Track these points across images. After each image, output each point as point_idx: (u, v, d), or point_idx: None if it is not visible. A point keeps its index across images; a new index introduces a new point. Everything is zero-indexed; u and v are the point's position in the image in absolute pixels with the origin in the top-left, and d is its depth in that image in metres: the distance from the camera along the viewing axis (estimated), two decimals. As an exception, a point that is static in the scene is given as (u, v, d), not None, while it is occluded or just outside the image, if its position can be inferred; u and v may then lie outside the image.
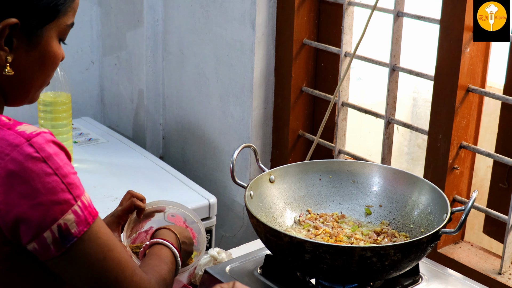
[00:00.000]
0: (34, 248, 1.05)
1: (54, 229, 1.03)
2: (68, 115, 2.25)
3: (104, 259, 1.08)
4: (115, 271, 1.10)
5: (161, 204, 1.54)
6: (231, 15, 2.27)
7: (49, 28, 1.11)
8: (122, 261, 1.11)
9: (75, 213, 1.05)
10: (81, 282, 1.10)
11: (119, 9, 2.75)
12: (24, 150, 1.02)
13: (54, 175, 1.03)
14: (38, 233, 1.03)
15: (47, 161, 1.03)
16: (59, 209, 1.03)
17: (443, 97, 1.80)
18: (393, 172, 1.62)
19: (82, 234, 1.06)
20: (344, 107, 2.13)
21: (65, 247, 1.05)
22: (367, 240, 1.51)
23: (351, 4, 2.04)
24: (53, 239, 1.04)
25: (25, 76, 1.12)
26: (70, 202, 1.04)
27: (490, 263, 1.82)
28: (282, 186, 1.60)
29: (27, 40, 1.10)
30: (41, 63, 1.13)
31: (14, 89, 1.14)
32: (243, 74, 2.28)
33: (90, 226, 1.07)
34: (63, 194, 1.04)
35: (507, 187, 1.84)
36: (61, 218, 1.03)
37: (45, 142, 1.04)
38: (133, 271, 1.13)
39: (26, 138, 1.03)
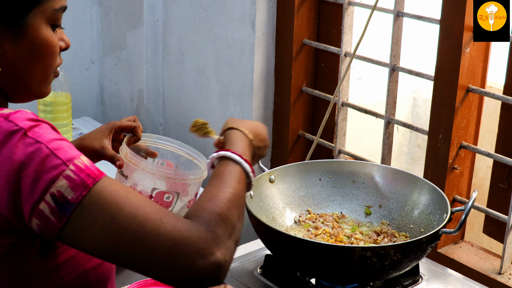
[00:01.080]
0: (38, 225, 0.98)
1: (48, 199, 0.97)
2: (68, 115, 2.25)
3: (112, 219, 0.98)
4: (130, 228, 0.98)
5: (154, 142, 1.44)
6: (231, 15, 2.27)
7: (33, 16, 1.07)
8: (139, 216, 0.99)
9: (68, 178, 0.97)
10: (99, 250, 1.00)
11: (119, 9, 2.75)
12: (3, 127, 0.99)
13: (36, 143, 0.98)
14: (34, 207, 0.97)
15: (28, 132, 0.98)
16: (48, 177, 0.97)
17: (443, 97, 1.80)
18: (393, 172, 1.62)
19: (82, 199, 0.97)
20: (344, 107, 2.13)
21: (65, 215, 0.97)
22: (367, 240, 1.51)
23: (351, 4, 2.04)
24: (50, 210, 0.97)
25: (19, 69, 1.08)
26: (59, 168, 0.97)
27: (490, 263, 1.82)
28: (282, 186, 1.60)
29: (11, 31, 1.05)
30: (32, 53, 1.08)
31: (12, 85, 1.10)
32: (243, 74, 2.28)
33: (90, 189, 0.98)
34: (50, 160, 0.97)
35: (507, 187, 1.84)
36: (53, 186, 0.97)
37: (25, 117, 1.00)
38: (159, 222, 0.99)
39: (4, 116, 1.00)
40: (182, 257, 0.98)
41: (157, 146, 1.44)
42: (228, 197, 1.07)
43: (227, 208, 1.05)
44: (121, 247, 0.99)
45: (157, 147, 1.44)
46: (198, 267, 0.98)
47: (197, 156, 1.43)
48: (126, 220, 0.98)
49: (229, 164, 1.14)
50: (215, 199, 1.05)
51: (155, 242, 0.98)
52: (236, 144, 1.19)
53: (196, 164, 1.43)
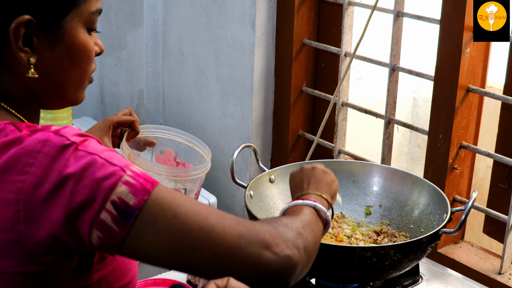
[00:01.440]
0: (99, 238, 0.94)
1: (109, 207, 0.93)
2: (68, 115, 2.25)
3: (174, 216, 0.94)
4: (195, 223, 0.95)
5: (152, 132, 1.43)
6: (231, 15, 2.27)
7: (70, 19, 1.03)
8: (201, 210, 0.96)
9: (128, 184, 0.93)
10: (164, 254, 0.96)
11: (119, 9, 2.75)
12: (54, 142, 0.95)
13: (89, 154, 0.94)
14: (94, 218, 0.93)
15: (79, 146, 0.95)
16: (107, 184, 0.93)
17: (443, 97, 1.80)
18: (393, 172, 1.62)
19: (144, 203, 0.94)
20: (344, 107, 2.13)
21: (129, 222, 0.93)
22: (367, 240, 1.51)
23: (351, 4, 2.04)
24: (112, 219, 0.93)
25: (56, 75, 1.05)
26: (117, 174, 0.94)
27: (490, 263, 1.82)
28: (282, 186, 1.60)
29: (48, 36, 1.02)
30: (70, 57, 1.04)
31: (48, 92, 1.07)
32: (243, 74, 2.28)
33: (151, 193, 0.94)
34: (106, 168, 0.94)
35: (507, 187, 1.84)
36: (113, 193, 0.92)
37: (74, 132, 0.97)
38: (222, 216, 0.97)
39: (54, 132, 0.96)
40: (250, 247, 0.96)
41: (156, 136, 1.44)
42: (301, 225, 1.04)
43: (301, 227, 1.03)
44: (187, 244, 0.95)
45: (156, 136, 1.44)
46: (266, 260, 0.96)
47: (197, 143, 1.43)
48: (189, 216, 0.95)
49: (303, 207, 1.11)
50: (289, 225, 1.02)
51: (221, 234, 0.95)
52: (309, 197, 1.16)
53: (197, 152, 1.42)
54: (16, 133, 0.98)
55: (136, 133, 1.38)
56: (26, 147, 0.96)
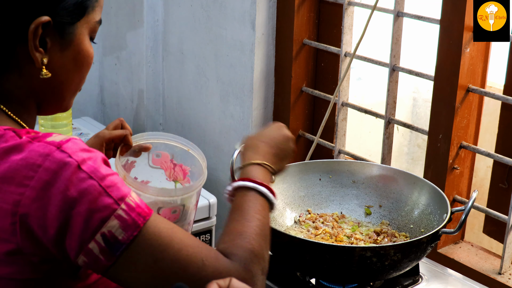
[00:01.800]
0: (85, 262, 0.97)
1: (99, 239, 0.95)
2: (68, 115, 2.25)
3: (155, 261, 0.98)
4: (172, 272, 0.98)
5: (146, 139, 1.41)
6: (231, 15, 2.27)
7: (80, 25, 1.05)
8: (182, 258, 0.99)
9: (119, 218, 0.96)
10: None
11: (119, 9, 2.75)
12: (56, 157, 0.95)
13: (89, 179, 0.95)
14: (83, 245, 0.95)
15: (81, 165, 0.96)
16: (99, 216, 0.95)
17: (443, 97, 1.80)
18: (393, 172, 1.62)
19: (132, 239, 0.96)
20: (344, 107, 2.13)
21: (115, 255, 0.96)
22: (367, 240, 1.51)
23: (351, 4, 2.04)
24: (100, 250, 0.95)
25: (61, 78, 1.07)
26: (111, 207, 0.95)
27: (490, 263, 1.82)
28: (282, 186, 1.60)
29: (61, 39, 1.04)
30: (75, 63, 1.07)
31: (49, 95, 1.08)
32: (243, 74, 2.28)
33: (141, 229, 0.97)
34: (102, 199, 0.95)
35: (507, 187, 1.84)
36: (104, 226, 0.95)
37: (77, 147, 0.98)
38: (201, 264, 0.99)
39: (56, 145, 0.97)
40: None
41: (150, 141, 1.43)
42: (255, 231, 1.06)
43: (257, 244, 1.05)
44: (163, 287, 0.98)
45: (150, 142, 1.43)
46: None
47: (192, 147, 1.42)
48: (169, 264, 0.98)
49: (247, 194, 1.12)
50: (244, 235, 1.05)
51: (197, 286, 0.98)
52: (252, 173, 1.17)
53: (192, 156, 1.42)
54: (16, 139, 0.99)
55: (129, 147, 1.37)
56: (27, 159, 0.96)
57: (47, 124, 2.22)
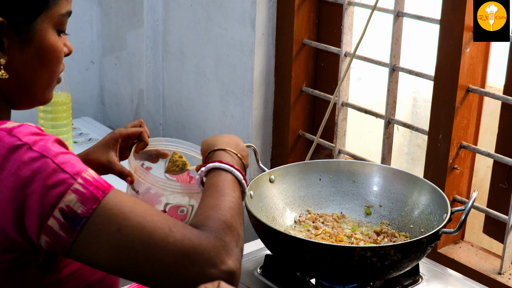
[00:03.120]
0: (47, 242, 0.95)
1: (57, 214, 0.94)
2: (68, 115, 2.25)
3: (118, 230, 0.95)
4: (138, 239, 0.95)
5: (164, 145, 1.40)
6: (231, 15, 2.27)
7: (41, 21, 1.04)
8: (147, 225, 0.96)
9: (77, 192, 0.95)
10: (107, 264, 0.97)
11: (119, 9, 2.75)
12: (6, 141, 0.96)
13: (42, 157, 0.95)
14: (42, 223, 0.94)
15: (33, 146, 0.95)
16: (55, 192, 0.94)
17: (443, 97, 1.80)
18: (393, 172, 1.62)
19: (92, 212, 0.95)
20: (344, 107, 2.13)
21: (76, 230, 0.94)
22: (367, 240, 1.51)
23: (351, 4, 2.04)
24: (60, 225, 0.94)
25: (25, 76, 1.06)
26: (67, 182, 0.95)
27: (490, 263, 1.82)
28: (282, 186, 1.60)
29: (18, 37, 1.03)
30: (39, 59, 1.06)
31: (17, 92, 1.07)
32: (243, 74, 2.28)
33: (100, 201, 0.95)
34: (57, 175, 0.94)
35: (507, 187, 1.84)
36: (61, 201, 0.94)
37: (28, 131, 0.97)
38: (168, 231, 0.97)
39: (7, 131, 0.97)
40: (193, 266, 0.96)
41: (168, 149, 1.40)
42: (229, 205, 1.06)
43: (230, 216, 1.04)
44: (129, 259, 0.96)
45: (168, 149, 1.40)
46: (209, 277, 0.96)
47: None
48: (133, 231, 0.96)
49: (221, 173, 1.14)
50: (217, 208, 1.05)
51: (164, 252, 0.96)
52: (222, 157, 1.19)
53: None
54: None
55: (145, 144, 1.36)
56: None
57: (47, 124, 2.22)
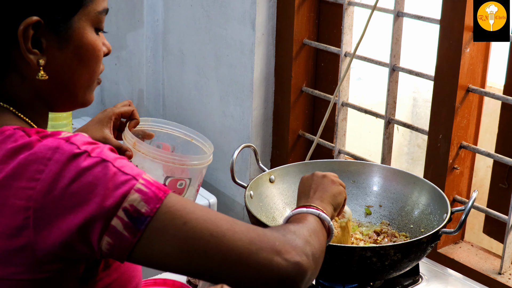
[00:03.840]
0: (109, 244, 0.94)
1: (121, 214, 0.93)
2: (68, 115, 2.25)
3: (184, 223, 0.95)
4: (206, 228, 0.95)
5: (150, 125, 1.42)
6: (231, 15, 2.27)
7: (78, 19, 1.02)
8: (211, 217, 0.96)
9: (140, 192, 0.94)
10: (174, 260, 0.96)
11: (119, 9, 2.75)
12: (65, 149, 0.95)
13: (102, 161, 0.94)
14: (106, 224, 0.93)
15: (91, 153, 0.95)
16: (119, 193, 0.93)
17: (443, 97, 1.80)
18: (393, 172, 1.62)
19: (156, 212, 0.94)
20: (344, 107, 2.13)
21: (140, 229, 0.93)
22: (367, 240, 1.51)
23: (351, 4, 2.04)
24: (124, 225, 0.93)
25: (65, 76, 1.04)
26: (130, 182, 0.94)
27: (490, 263, 1.82)
28: (282, 186, 1.60)
29: (56, 37, 1.01)
30: (79, 58, 1.04)
31: (57, 94, 1.06)
32: (243, 74, 2.28)
33: (162, 202, 0.95)
34: (119, 177, 0.94)
35: (507, 187, 1.84)
36: (125, 201, 0.93)
37: (85, 140, 0.97)
38: (233, 222, 0.97)
39: (64, 139, 0.96)
40: (261, 252, 0.96)
41: (154, 129, 1.43)
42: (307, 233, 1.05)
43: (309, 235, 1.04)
44: (199, 250, 0.96)
45: (154, 130, 1.43)
46: (276, 265, 0.96)
47: (196, 137, 1.42)
48: (200, 222, 0.96)
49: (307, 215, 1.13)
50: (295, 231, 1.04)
51: (233, 240, 0.96)
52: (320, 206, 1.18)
53: (196, 146, 1.41)
54: (25, 138, 0.97)
55: (137, 121, 1.38)
56: (36, 153, 0.95)
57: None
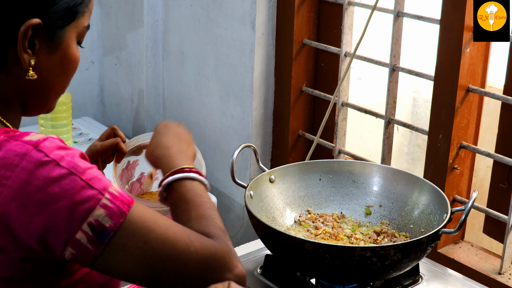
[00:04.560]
0: (72, 254, 0.98)
1: (86, 228, 0.96)
2: (68, 115, 2.25)
3: (145, 242, 1.00)
4: (163, 250, 1.01)
5: (142, 140, 1.42)
6: (231, 15, 2.27)
7: (70, 29, 1.07)
8: (170, 236, 1.01)
9: (105, 207, 0.97)
10: (134, 275, 1.02)
11: (119, 9, 2.75)
12: (33, 156, 0.97)
13: (70, 174, 0.97)
14: (70, 237, 0.96)
15: (60, 162, 0.97)
16: (85, 207, 0.96)
17: (443, 97, 1.80)
18: (393, 172, 1.62)
19: (119, 226, 0.98)
20: (344, 107, 2.13)
21: (103, 243, 0.98)
22: (367, 240, 1.51)
23: (351, 4, 2.04)
24: (88, 239, 0.97)
25: (46, 80, 1.08)
26: (96, 197, 0.97)
27: (490, 263, 1.82)
28: (282, 186, 1.60)
29: (49, 41, 1.05)
30: (61, 66, 1.08)
31: (34, 96, 1.09)
32: (243, 74, 2.28)
33: (126, 216, 0.99)
34: (86, 191, 0.97)
35: (507, 187, 1.84)
36: (90, 216, 0.96)
37: (54, 146, 0.99)
38: (188, 241, 1.02)
39: (33, 145, 0.98)
40: (213, 272, 1.03)
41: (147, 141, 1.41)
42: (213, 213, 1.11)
43: (220, 222, 1.10)
44: (155, 268, 1.01)
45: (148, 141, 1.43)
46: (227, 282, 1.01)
47: None
48: (158, 242, 1.01)
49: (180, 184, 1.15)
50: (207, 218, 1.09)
51: (187, 260, 1.02)
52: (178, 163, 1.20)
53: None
54: None
55: (123, 154, 1.38)
56: (4, 158, 0.97)
57: (47, 124, 2.22)
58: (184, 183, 1.15)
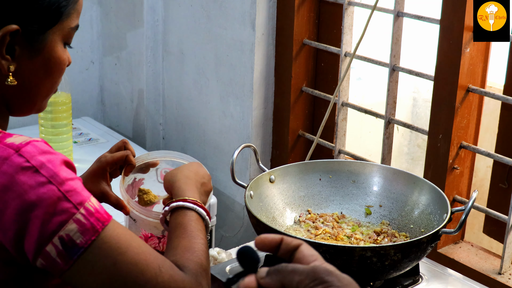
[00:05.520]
0: (42, 265, 0.98)
1: (56, 242, 0.96)
2: (68, 115, 2.25)
3: (114, 264, 0.99)
4: (131, 275, 1.00)
5: (152, 157, 1.42)
6: (231, 15, 2.27)
7: (52, 33, 1.06)
8: (140, 262, 1.01)
9: (78, 222, 0.96)
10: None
11: (119, 9, 2.75)
12: (14, 161, 0.96)
13: (48, 183, 0.96)
14: (40, 248, 0.96)
15: (40, 169, 0.96)
16: (57, 220, 0.96)
17: (443, 97, 1.80)
18: (393, 172, 1.62)
19: (90, 244, 0.97)
20: (344, 107, 2.13)
21: (72, 259, 0.97)
22: (367, 240, 1.51)
23: (351, 4, 2.04)
24: (57, 252, 0.96)
25: (30, 84, 1.07)
26: (70, 211, 0.96)
27: (490, 263, 1.82)
28: (282, 186, 1.60)
29: (30, 46, 1.04)
30: (46, 69, 1.07)
31: (19, 99, 1.09)
32: (243, 74, 2.28)
33: (99, 234, 0.98)
34: (61, 204, 0.96)
35: (507, 187, 1.84)
36: (62, 229, 0.96)
37: (36, 151, 0.98)
38: (158, 271, 1.02)
39: (15, 149, 0.97)
40: None
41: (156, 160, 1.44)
42: (201, 247, 1.12)
43: (204, 259, 1.11)
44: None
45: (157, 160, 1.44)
46: None
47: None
48: (128, 267, 1.00)
49: (186, 213, 1.18)
50: (192, 250, 1.10)
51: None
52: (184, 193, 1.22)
53: None
54: None
55: (132, 167, 1.37)
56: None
57: (47, 124, 2.22)
58: (190, 213, 1.17)
